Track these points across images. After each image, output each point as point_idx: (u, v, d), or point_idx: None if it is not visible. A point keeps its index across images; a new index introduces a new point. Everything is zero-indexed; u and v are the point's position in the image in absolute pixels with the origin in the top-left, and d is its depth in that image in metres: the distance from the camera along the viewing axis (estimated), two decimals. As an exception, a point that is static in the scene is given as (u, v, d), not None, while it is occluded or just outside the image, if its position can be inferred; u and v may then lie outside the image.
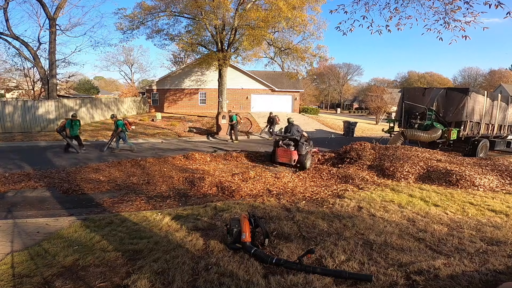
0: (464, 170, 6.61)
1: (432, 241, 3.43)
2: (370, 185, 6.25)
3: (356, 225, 3.91)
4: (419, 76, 69.58)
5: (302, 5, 16.87)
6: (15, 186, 6.37)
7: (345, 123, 19.27)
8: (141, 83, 50.39)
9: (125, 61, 49.35)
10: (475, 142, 11.21)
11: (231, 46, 18.92)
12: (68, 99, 18.64)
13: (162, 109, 27.68)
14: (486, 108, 11.44)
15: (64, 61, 20.64)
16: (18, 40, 17.75)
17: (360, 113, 53.27)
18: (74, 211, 5.00)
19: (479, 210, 4.67)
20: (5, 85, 28.94)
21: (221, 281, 2.53)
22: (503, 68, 63.68)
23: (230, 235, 3.22)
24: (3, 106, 14.87)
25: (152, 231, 3.76)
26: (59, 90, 24.03)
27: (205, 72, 25.45)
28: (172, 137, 16.15)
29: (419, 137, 10.38)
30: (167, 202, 5.48)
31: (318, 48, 19.80)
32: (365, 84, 72.66)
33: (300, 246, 3.27)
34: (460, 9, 3.62)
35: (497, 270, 2.69)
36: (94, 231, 3.73)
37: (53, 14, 17.71)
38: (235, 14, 17.27)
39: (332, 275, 2.60)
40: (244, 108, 28.11)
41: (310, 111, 32.27)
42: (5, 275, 2.70)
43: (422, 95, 11.58)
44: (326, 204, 4.92)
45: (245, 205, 4.91)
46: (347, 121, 19.87)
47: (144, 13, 17.89)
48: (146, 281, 2.54)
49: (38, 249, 3.26)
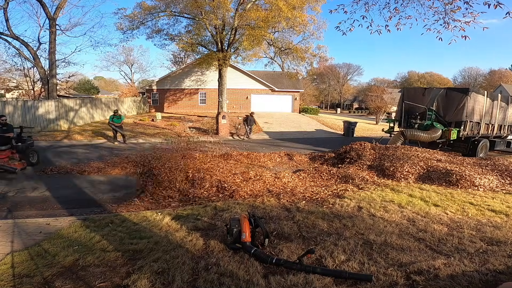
0: (464, 170, 6.61)
1: (432, 241, 3.43)
2: (370, 185, 6.24)
3: (356, 225, 3.91)
4: (419, 76, 69.59)
5: (302, 5, 16.87)
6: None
7: (345, 123, 19.27)
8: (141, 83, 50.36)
9: (125, 61, 49.41)
10: (475, 142, 11.20)
11: (231, 46, 18.91)
12: (68, 99, 18.63)
13: (162, 109, 27.68)
14: (486, 108, 11.44)
15: (64, 61, 20.69)
16: (18, 40, 17.75)
17: (360, 113, 53.28)
18: (74, 211, 5.00)
19: (479, 210, 4.67)
20: (5, 85, 28.94)
21: (221, 281, 2.53)
22: (503, 68, 63.82)
23: (230, 235, 3.22)
24: (3, 106, 14.87)
25: (152, 231, 3.76)
26: (59, 90, 24.01)
27: (205, 72, 25.45)
28: (172, 137, 16.15)
29: (419, 137, 10.37)
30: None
31: (318, 48, 19.84)
32: (365, 84, 72.75)
33: (300, 246, 3.27)
34: (460, 9, 3.62)
35: (497, 270, 2.69)
36: (94, 231, 3.73)
37: (53, 14, 17.71)
38: (235, 14, 17.26)
39: (332, 275, 2.60)
40: (244, 108, 28.10)
41: (310, 111, 32.27)
42: (5, 275, 2.70)
43: (422, 95, 11.57)
44: (326, 204, 4.92)
45: (245, 205, 4.91)
46: (347, 121, 19.87)
47: (144, 13, 17.88)
48: (146, 281, 2.53)
49: (38, 249, 3.26)
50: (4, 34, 17.29)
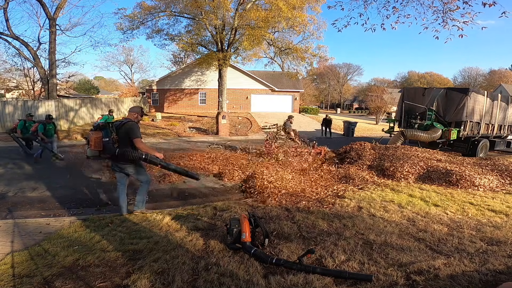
0: (464, 170, 6.61)
1: (432, 241, 3.43)
2: (370, 185, 6.24)
3: (356, 225, 3.91)
4: (419, 76, 69.61)
5: (302, 5, 16.89)
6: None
7: (345, 123, 19.28)
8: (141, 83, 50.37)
9: (125, 61, 49.43)
10: (475, 142, 11.20)
11: (231, 46, 18.92)
12: (68, 99, 18.66)
13: (162, 109, 27.69)
14: (486, 108, 11.44)
15: (64, 61, 20.68)
16: (18, 40, 17.75)
17: (360, 113, 53.28)
18: (74, 211, 5.00)
19: (479, 210, 4.67)
20: (5, 85, 28.95)
21: (221, 281, 2.53)
22: (503, 68, 64.00)
23: (230, 235, 3.22)
24: (3, 106, 14.87)
25: (152, 231, 3.75)
26: (59, 90, 24.04)
27: (205, 72, 25.46)
28: (172, 137, 16.15)
29: (419, 137, 10.37)
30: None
31: (318, 48, 19.85)
32: (365, 84, 72.79)
33: (300, 246, 3.27)
34: (459, 8, 3.63)
35: (497, 270, 2.69)
36: (94, 231, 3.73)
37: (53, 14, 17.71)
38: (235, 14, 17.27)
39: (332, 275, 2.61)
40: (244, 108, 28.12)
41: (310, 111, 32.30)
42: (5, 275, 2.70)
43: (422, 95, 11.57)
44: (326, 204, 4.92)
45: (245, 205, 4.91)
46: (347, 121, 19.87)
47: (144, 13, 17.91)
48: (146, 281, 2.53)
49: (38, 249, 3.25)
50: (4, 34, 17.30)
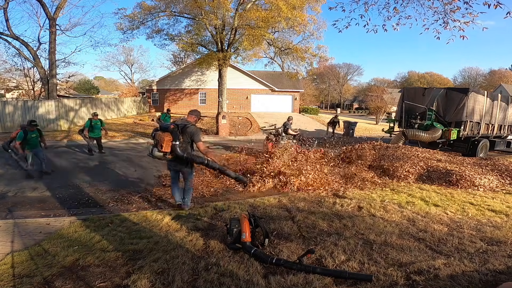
0: (464, 170, 6.61)
1: (432, 241, 3.43)
2: (370, 185, 6.25)
3: (356, 225, 3.91)
4: (419, 76, 69.58)
5: (302, 5, 16.85)
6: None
7: (345, 123, 19.27)
8: (141, 83, 50.40)
9: (125, 61, 49.52)
10: (475, 142, 11.20)
11: (231, 46, 18.90)
12: (68, 99, 18.64)
13: (162, 109, 27.62)
14: (486, 108, 11.44)
15: (64, 61, 20.68)
16: (18, 40, 17.74)
17: (360, 113, 53.26)
18: (74, 211, 4.99)
19: (479, 210, 4.67)
20: (5, 85, 28.94)
21: (221, 281, 2.53)
22: (503, 68, 63.98)
23: (230, 235, 3.22)
24: (3, 106, 14.87)
25: (152, 231, 3.76)
26: (59, 90, 24.02)
27: (205, 72, 25.44)
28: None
29: (420, 137, 10.38)
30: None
31: (318, 48, 19.78)
32: (365, 84, 72.74)
33: (300, 246, 3.27)
34: (459, 9, 3.63)
35: (497, 270, 2.69)
36: (94, 231, 3.73)
37: (53, 14, 17.70)
38: (235, 14, 17.25)
39: (332, 275, 2.61)
40: (244, 108, 28.12)
41: (310, 111, 32.29)
42: (5, 275, 2.70)
43: (422, 95, 11.57)
44: (326, 204, 4.92)
45: (245, 205, 4.91)
46: (347, 121, 19.87)
47: (144, 13, 17.87)
48: (146, 281, 2.54)
49: (38, 249, 3.26)
50: (4, 34, 17.28)
